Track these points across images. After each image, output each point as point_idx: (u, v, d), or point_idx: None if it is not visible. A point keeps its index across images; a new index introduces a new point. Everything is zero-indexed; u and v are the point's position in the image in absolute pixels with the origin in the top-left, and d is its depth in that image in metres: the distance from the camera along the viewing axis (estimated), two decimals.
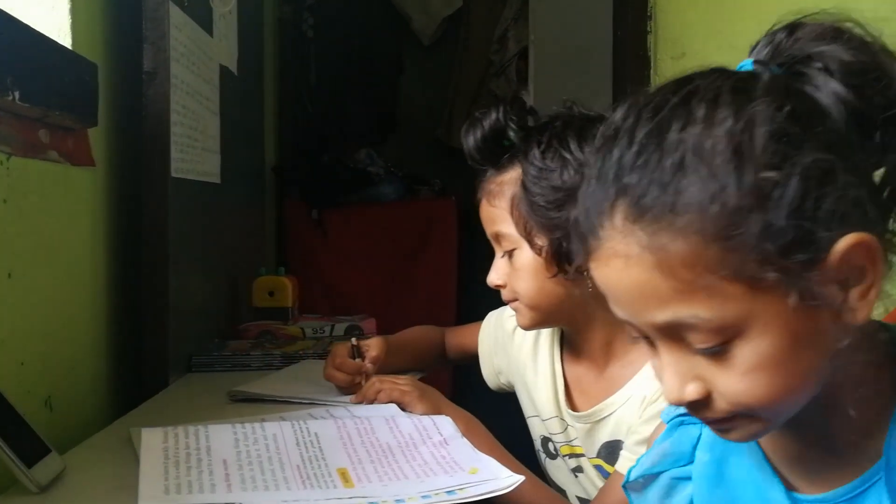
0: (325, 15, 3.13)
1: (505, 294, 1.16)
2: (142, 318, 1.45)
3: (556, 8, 2.95)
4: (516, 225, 1.10)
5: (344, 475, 0.91)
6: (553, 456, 1.24)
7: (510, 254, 1.13)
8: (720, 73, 0.62)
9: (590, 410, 1.15)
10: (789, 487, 0.67)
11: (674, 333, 0.60)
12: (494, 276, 1.16)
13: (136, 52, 1.44)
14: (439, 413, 1.14)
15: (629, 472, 0.79)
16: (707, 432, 0.72)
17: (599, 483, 1.16)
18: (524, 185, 1.08)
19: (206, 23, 1.75)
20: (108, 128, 1.41)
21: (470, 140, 1.14)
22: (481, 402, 1.43)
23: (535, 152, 1.08)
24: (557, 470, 1.24)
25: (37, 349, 1.15)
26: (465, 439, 1.03)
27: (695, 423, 0.73)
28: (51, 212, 1.21)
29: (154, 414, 1.26)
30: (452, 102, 3.56)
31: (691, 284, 0.57)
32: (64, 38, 1.27)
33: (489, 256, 1.29)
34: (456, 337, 1.51)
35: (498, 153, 1.13)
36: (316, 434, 1.01)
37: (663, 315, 0.59)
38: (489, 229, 1.16)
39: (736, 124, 0.57)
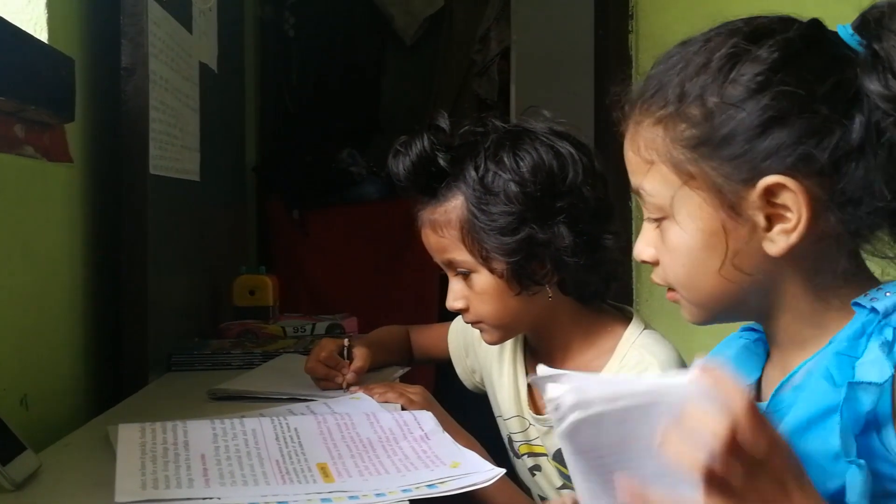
0: (306, 14, 3.12)
1: (468, 317, 1.15)
2: (121, 317, 1.44)
3: (538, 8, 2.96)
4: (470, 252, 1.09)
5: (324, 470, 0.90)
6: (517, 456, 1.25)
7: (465, 277, 1.13)
8: (774, 18, 0.71)
9: (546, 416, 1.16)
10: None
11: (642, 201, 0.75)
12: (454, 301, 1.15)
13: (114, 48, 1.42)
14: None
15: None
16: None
17: (557, 483, 1.19)
18: (473, 214, 1.07)
19: (185, 20, 1.73)
20: (86, 124, 1.40)
21: (399, 170, 1.13)
22: (463, 400, 1.43)
23: (474, 177, 1.08)
24: (521, 470, 1.25)
25: (12, 347, 1.14)
26: (446, 434, 1.03)
27: (745, 337, 0.83)
28: (27, 208, 1.20)
29: (133, 412, 1.25)
30: (434, 102, 3.56)
31: (644, 161, 0.73)
32: (40, 32, 1.26)
33: None
34: (421, 338, 1.51)
35: (430, 181, 1.12)
36: (296, 429, 1.00)
37: (633, 182, 0.76)
38: (440, 257, 1.15)
39: (726, 53, 0.68)
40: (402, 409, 1.16)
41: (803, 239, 0.67)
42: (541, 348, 1.20)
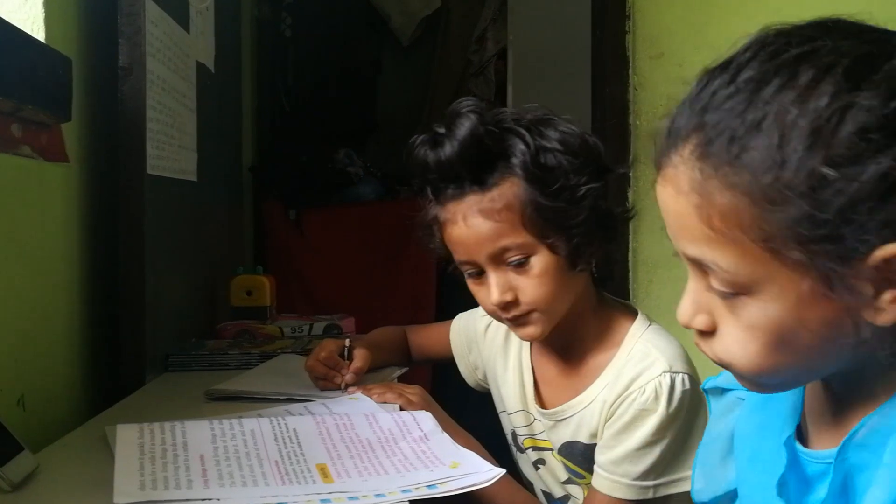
0: (303, 15, 3.12)
1: (517, 309, 1.09)
2: (118, 317, 1.43)
3: (535, 8, 2.96)
4: (531, 232, 1.05)
5: (323, 470, 0.90)
6: (521, 450, 1.24)
7: (519, 265, 1.07)
8: (857, 33, 0.60)
9: (554, 409, 1.16)
10: (803, 438, 0.70)
11: (699, 267, 0.63)
12: (503, 294, 1.07)
13: (112, 48, 1.42)
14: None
15: (707, 379, 0.82)
16: None
17: (562, 477, 1.18)
18: (535, 189, 1.04)
19: (182, 19, 1.73)
20: (83, 124, 1.39)
21: (443, 156, 1.06)
22: (460, 399, 1.43)
23: (525, 153, 1.04)
24: (524, 464, 1.25)
25: (9, 347, 1.13)
26: (445, 434, 1.03)
27: None
28: (24, 208, 1.19)
29: (130, 413, 1.24)
30: (431, 102, 3.56)
31: (722, 235, 0.60)
32: (37, 31, 1.25)
33: None
34: (419, 338, 1.50)
35: (477, 165, 1.06)
36: (294, 430, 1.00)
37: (691, 250, 0.63)
38: (490, 247, 1.07)
39: (829, 106, 0.56)
40: (401, 409, 1.16)
41: None
42: (553, 342, 1.18)
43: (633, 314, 1.17)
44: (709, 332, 0.65)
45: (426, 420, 1.06)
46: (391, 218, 3.04)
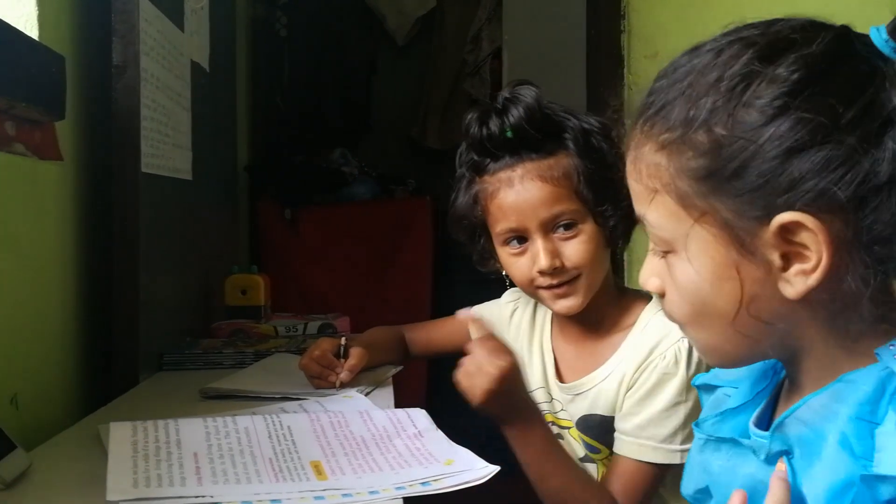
0: (298, 14, 3.12)
1: (565, 275, 1.14)
2: (112, 316, 1.43)
3: (530, 8, 2.96)
4: (583, 201, 1.13)
5: (317, 468, 0.89)
6: None
7: (567, 229, 1.14)
8: (796, 24, 0.63)
9: (572, 383, 1.21)
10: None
11: (647, 231, 0.69)
12: (553, 259, 1.13)
13: (106, 46, 1.41)
14: None
15: (698, 376, 0.85)
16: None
17: (580, 453, 1.22)
18: (588, 163, 1.12)
19: (177, 18, 1.72)
20: (77, 122, 1.39)
21: (510, 121, 1.12)
22: (456, 397, 1.43)
23: (578, 130, 1.14)
24: None
25: (2, 346, 1.13)
26: (439, 431, 1.02)
27: None
28: (17, 206, 1.19)
29: (124, 411, 1.24)
30: (426, 102, 3.56)
31: (648, 191, 0.66)
32: (31, 29, 1.25)
33: (463, 256, 1.30)
34: (424, 333, 1.51)
35: (539, 134, 1.13)
36: (289, 427, 1.00)
37: (637, 209, 0.69)
38: (545, 211, 1.13)
39: (740, 72, 0.61)
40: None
41: (823, 280, 0.60)
42: (575, 322, 1.22)
43: (647, 298, 1.22)
44: (661, 295, 0.71)
45: (421, 417, 1.06)
46: (386, 217, 3.05)
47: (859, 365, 0.63)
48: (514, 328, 1.34)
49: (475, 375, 1.08)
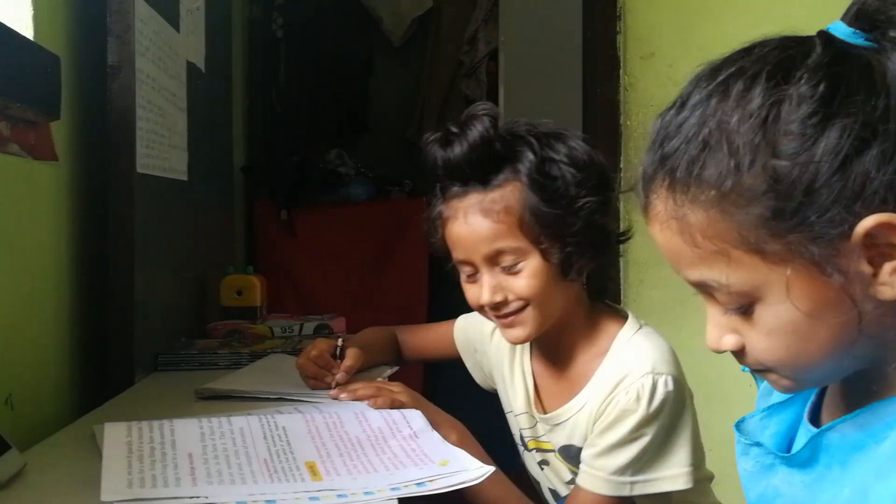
0: (294, 15, 3.12)
1: (508, 308, 1.12)
2: (107, 316, 1.43)
3: (526, 9, 2.96)
4: (526, 236, 1.09)
5: (312, 468, 0.89)
6: (528, 450, 1.26)
7: (510, 268, 1.10)
8: (777, 44, 0.63)
9: (550, 414, 1.18)
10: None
11: (706, 291, 0.66)
12: (493, 294, 1.11)
13: (101, 46, 1.41)
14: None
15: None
16: None
17: (566, 476, 1.20)
18: (536, 196, 1.08)
19: (172, 18, 1.72)
20: (72, 122, 1.39)
21: (453, 154, 1.09)
22: (452, 399, 1.43)
23: (532, 161, 1.09)
24: (531, 463, 1.27)
25: None
26: (435, 432, 1.02)
27: None
28: (12, 206, 1.19)
29: (119, 412, 1.24)
30: (423, 103, 3.56)
31: (709, 251, 0.63)
32: (26, 29, 1.25)
33: None
34: (415, 338, 1.50)
35: (484, 167, 1.10)
36: (284, 428, 1.00)
37: (692, 275, 0.66)
38: (486, 247, 1.10)
39: (762, 105, 0.60)
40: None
41: None
42: (549, 347, 1.21)
43: (623, 319, 1.18)
44: (741, 350, 0.67)
45: (416, 418, 1.06)
46: (382, 218, 3.05)
47: None
48: (494, 346, 1.31)
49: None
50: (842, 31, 0.62)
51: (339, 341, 1.35)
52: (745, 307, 0.64)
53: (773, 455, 0.72)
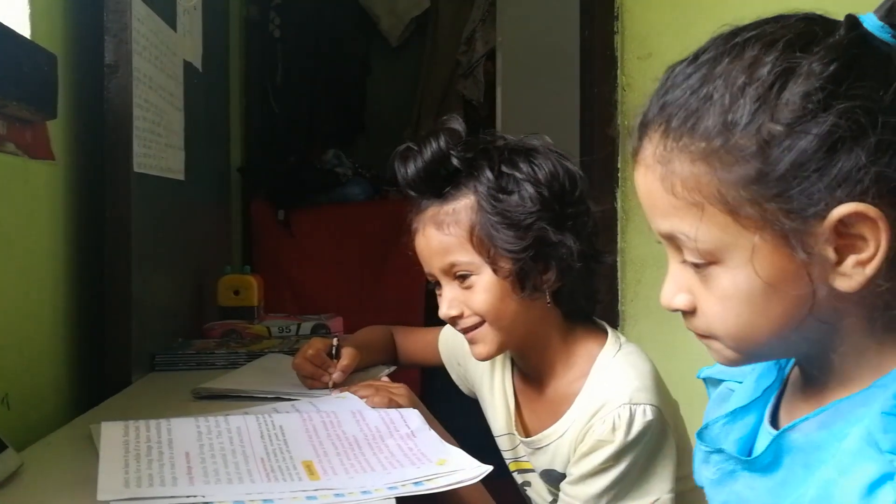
0: (291, 15, 3.11)
1: (464, 323, 1.13)
2: (104, 316, 1.42)
3: (523, 9, 2.96)
4: (477, 251, 1.08)
5: (309, 468, 0.89)
6: (510, 471, 1.25)
7: (463, 279, 1.11)
8: (803, 17, 0.63)
9: (532, 438, 1.17)
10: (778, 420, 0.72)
11: (673, 244, 0.66)
12: (449, 309, 1.12)
13: (98, 45, 1.41)
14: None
15: (702, 370, 0.84)
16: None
17: (548, 498, 1.19)
18: (486, 210, 1.07)
19: (169, 17, 1.72)
20: (69, 121, 1.38)
21: (409, 170, 1.11)
22: (449, 402, 1.43)
23: (489, 176, 1.08)
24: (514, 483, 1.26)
25: None
26: (432, 431, 1.02)
27: None
28: (8, 206, 1.18)
29: (116, 411, 1.23)
30: (420, 103, 3.56)
31: (685, 202, 0.63)
32: (23, 27, 1.25)
33: None
34: (407, 341, 1.50)
35: (440, 182, 1.11)
36: (281, 427, 1.00)
37: (663, 225, 0.66)
38: (440, 260, 1.11)
39: (771, 72, 0.60)
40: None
41: (879, 270, 0.59)
42: (527, 367, 1.20)
43: (603, 337, 1.16)
44: (691, 312, 0.67)
45: (413, 417, 1.06)
46: (380, 218, 3.04)
47: (887, 358, 0.63)
48: (474, 363, 1.29)
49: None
50: (871, 22, 0.61)
51: (335, 340, 1.35)
52: (706, 266, 0.64)
53: (735, 461, 0.71)
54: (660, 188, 0.64)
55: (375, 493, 0.83)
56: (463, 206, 1.09)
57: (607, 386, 1.08)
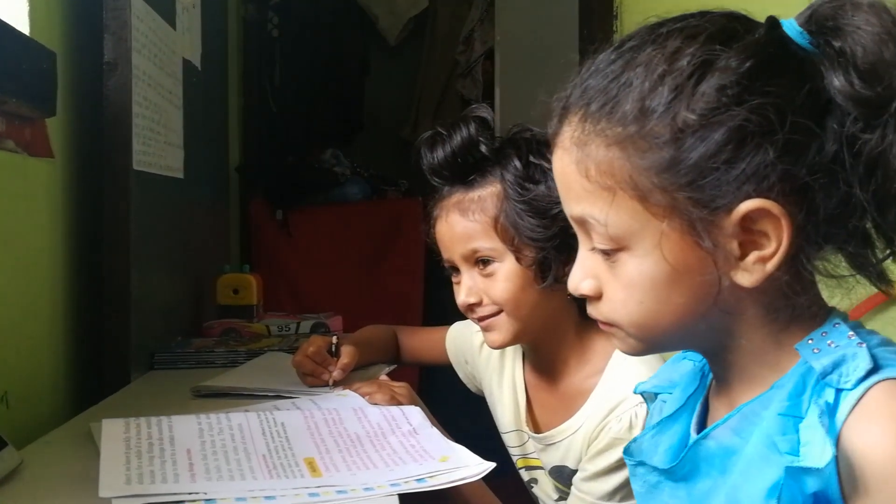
0: (290, 15, 3.10)
1: (481, 310, 1.12)
2: (103, 314, 1.42)
3: (522, 8, 2.95)
4: (501, 239, 1.08)
5: (311, 464, 0.89)
6: (517, 468, 1.24)
7: (485, 265, 1.10)
8: (726, 15, 0.64)
9: (543, 434, 1.16)
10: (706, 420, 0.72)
11: (584, 229, 0.67)
12: (467, 296, 1.11)
13: (97, 43, 1.41)
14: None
15: (638, 384, 0.83)
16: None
17: (554, 496, 1.18)
18: (512, 198, 1.07)
19: (168, 16, 1.72)
20: (68, 119, 1.38)
21: (437, 156, 1.11)
22: (449, 401, 1.43)
23: (517, 165, 1.08)
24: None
25: None
26: (434, 429, 1.02)
27: (690, 359, 0.77)
28: (7, 203, 1.18)
29: (115, 410, 1.23)
30: (418, 103, 3.55)
31: (598, 187, 0.63)
32: (22, 25, 1.24)
33: None
34: (412, 340, 1.49)
35: (467, 169, 1.11)
36: (283, 424, 0.99)
37: (575, 208, 0.66)
38: (462, 247, 1.11)
39: (689, 63, 0.60)
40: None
41: (780, 266, 0.61)
42: (540, 362, 1.19)
43: None
44: (596, 297, 0.68)
45: (415, 414, 1.05)
46: (378, 218, 3.04)
47: (786, 356, 0.63)
48: (483, 360, 1.29)
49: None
50: (791, 27, 0.62)
51: (335, 338, 1.34)
52: (614, 252, 0.64)
53: (658, 472, 0.71)
54: (574, 171, 0.65)
55: (378, 489, 0.83)
56: (489, 194, 1.09)
57: (624, 383, 1.07)
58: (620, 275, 0.65)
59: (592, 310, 0.69)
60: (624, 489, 1.04)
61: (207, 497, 0.78)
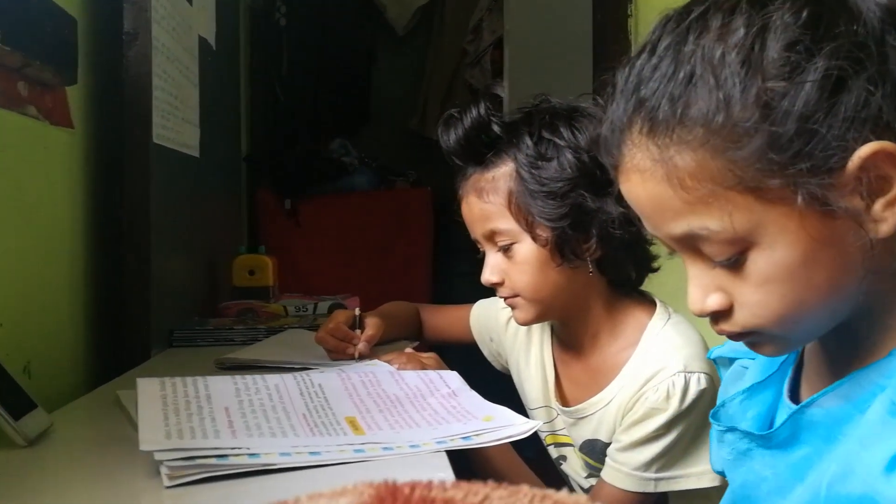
0: (297, 4, 3.09)
1: (502, 291, 1.11)
2: (122, 287, 1.39)
3: None
4: (516, 219, 1.07)
5: (353, 423, 0.86)
6: (545, 445, 1.22)
7: (506, 249, 1.09)
8: None
9: (575, 408, 1.14)
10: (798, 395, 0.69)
11: (692, 246, 0.61)
12: (490, 275, 1.11)
13: (117, 12, 1.38)
14: None
15: (713, 349, 0.81)
16: None
17: (583, 473, 1.16)
18: (524, 178, 1.06)
19: None
20: (87, 89, 1.35)
21: (451, 138, 1.10)
22: (466, 373, 1.40)
23: (528, 143, 1.06)
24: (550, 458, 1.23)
25: (14, 312, 1.09)
26: (473, 392, 1.00)
27: None
28: (29, 169, 1.16)
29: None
30: (426, 93, 3.53)
31: (700, 196, 0.58)
32: None
33: (464, 247, 1.26)
34: (435, 318, 1.48)
35: (481, 149, 1.10)
36: (320, 385, 0.97)
37: (678, 227, 0.60)
38: (481, 227, 1.11)
39: (747, 34, 0.56)
40: None
41: None
42: (569, 337, 1.17)
43: (651, 308, 1.14)
44: (726, 311, 0.62)
45: (453, 378, 1.03)
46: (386, 208, 3.02)
47: None
48: (509, 337, 1.28)
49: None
50: None
51: (357, 311, 1.32)
52: (737, 256, 0.59)
53: (750, 438, 0.68)
54: (666, 189, 0.59)
55: (424, 446, 0.80)
56: (502, 174, 1.08)
57: (660, 354, 1.05)
58: (750, 276, 0.60)
59: (725, 325, 0.63)
60: (660, 460, 1.02)
61: (251, 451, 0.75)
